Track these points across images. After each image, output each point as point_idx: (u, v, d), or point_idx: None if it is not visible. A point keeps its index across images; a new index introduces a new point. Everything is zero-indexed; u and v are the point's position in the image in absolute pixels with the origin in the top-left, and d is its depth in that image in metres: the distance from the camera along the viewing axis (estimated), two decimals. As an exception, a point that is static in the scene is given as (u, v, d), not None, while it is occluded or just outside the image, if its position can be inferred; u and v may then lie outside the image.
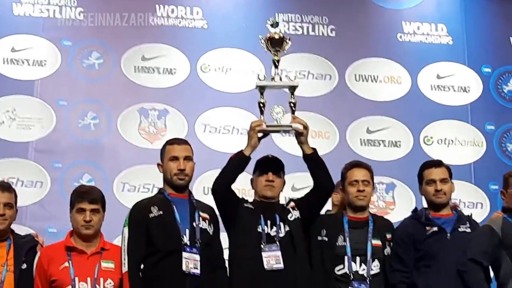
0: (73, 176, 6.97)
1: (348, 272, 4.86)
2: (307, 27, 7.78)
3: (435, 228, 5.01)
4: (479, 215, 6.57)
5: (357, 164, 5.15)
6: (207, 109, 7.40)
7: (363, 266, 4.90)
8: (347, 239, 4.91)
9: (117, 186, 6.99)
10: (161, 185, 4.95)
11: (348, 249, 4.89)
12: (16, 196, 4.73)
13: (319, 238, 4.94)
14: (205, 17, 7.66)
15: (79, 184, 6.70)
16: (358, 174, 5.04)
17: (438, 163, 5.32)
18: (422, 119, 7.72)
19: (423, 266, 4.98)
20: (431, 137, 7.66)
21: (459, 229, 5.05)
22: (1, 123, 7.06)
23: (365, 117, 7.64)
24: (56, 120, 7.11)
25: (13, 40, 7.28)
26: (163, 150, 4.97)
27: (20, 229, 4.99)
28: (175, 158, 4.84)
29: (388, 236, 5.01)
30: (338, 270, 4.88)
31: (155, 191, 5.44)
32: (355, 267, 4.90)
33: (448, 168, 5.29)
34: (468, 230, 5.06)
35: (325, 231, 4.95)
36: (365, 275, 4.89)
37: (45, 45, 7.32)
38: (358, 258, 4.89)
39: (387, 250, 4.97)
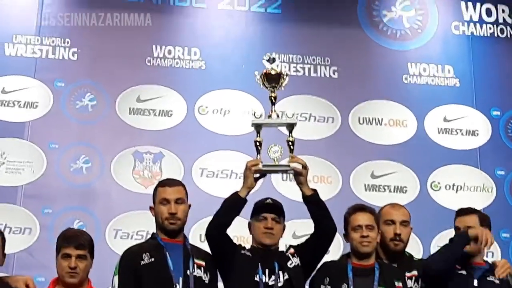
0: (64, 222, 6.79)
1: None
2: (309, 68, 7.79)
3: (464, 271, 5.03)
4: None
5: (361, 208, 5.10)
6: (204, 153, 7.36)
7: None
8: (351, 287, 4.82)
9: (110, 233, 6.92)
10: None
11: None
12: (4, 242, 4.67)
13: (322, 287, 4.87)
14: (203, 58, 7.67)
15: None
16: (362, 218, 4.97)
17: (471, 211, 5.44)
18: (429, 164, 7.69)
19: None
20: (439, 183, 7.62)
21: (487, 278, 5.04)
22: None
23: (369, 161, 7.61)
24: (46, 164, 7.07)
25: (4, 81, 7.29)
26: (154, 192, 4.92)
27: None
28: (166, 201, 4.79)
29: (398, 284, 4.91)
30: None
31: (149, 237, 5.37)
32: None
33: (481, 216, 5.42)
34: (497, 281, 5.02)
35: (328, 279, 4.87)
36: None
37: (37, 86, 7.32)
38: None
39: None
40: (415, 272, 5.09)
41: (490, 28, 8.26)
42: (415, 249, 6.65)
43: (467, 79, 8.00)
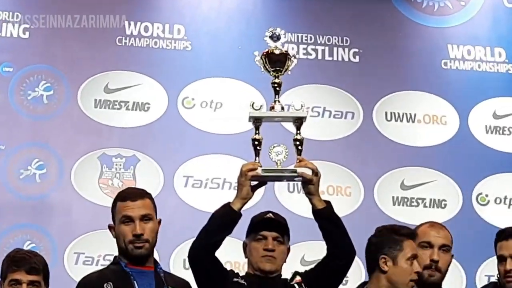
0: (12, 243, 6.84)
1: None
2: (323, 50, 7.79)
3: None
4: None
5: (411, 232, 5.06)
6: (190, 157, 7.38)
7: None
8: None
9: (69, 257, 6.95)
10: None
11: None
12: None
13: None
14: (188, 37, 7.69)
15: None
16: (414, 248, 4.95)
17: None
18: (475, 172, 7.70)
19: None
20: (487, 195, 7.64)
21: None
22: None
23: (399, 168, 7.63)
24: None
25: None
26: (113, 208, 4.91)
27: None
28: (129, 219, 4.77)
29: None
30: None
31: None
32: None
33: None
34: None
35: None
36: None
37: None
38: None
39: None
40: None
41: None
42: (457, 279, 6.82)
43: None
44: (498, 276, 5.32)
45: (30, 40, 7.45)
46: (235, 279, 4.81)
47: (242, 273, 4.92)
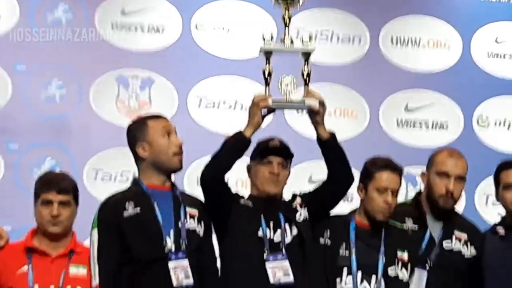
0: (33, 160, 7.03)
1: None
2: None
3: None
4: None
5: (391, 166, 5.15)
6: (203, 78, 7.41)
7: (365, 284, 5.00)
8: (353, 249, 5.03)
9: (88, 174, 7.06)
10: None
11: (354, 262, 5.00)
12: None
13: (321, 239, 5.05)
14: None
15: (40, 170, 6.87)
16: (391, 181, 5.08)
17: None
18: (476, 95, 7.74)
19: None
20: (487, 117, 7.69)
21: None
22: None
23: (403, 91, 7.66)
24: (12, 90, 7.15)
25: None
26: (142, 127, 4.96)
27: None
28: (169, 133, 4.88)
29: (400, 254, 5.11)
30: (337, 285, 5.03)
31: None
32: (358, 284, 4.99)
33: None
34: None
35: (328, 233, 5.06)
36: None
37: None
38: (360, 274, 4.98)
39: (394, 270, 5.07)
40: (465, 235, 5.25)
41: None
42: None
43: None
44: (502, 203, 5.35)
45: None
46: (241, 201, 4.95)
47: (246, 195, 5.04)
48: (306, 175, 6.45)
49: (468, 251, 5.23)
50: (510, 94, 7.78)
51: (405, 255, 5.11)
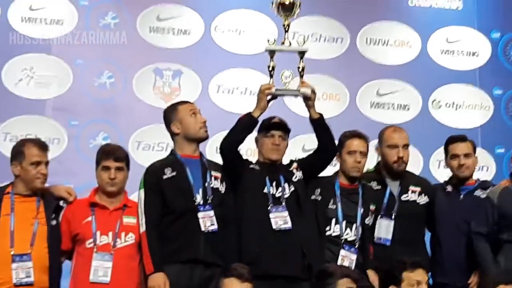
0: (89, 134, 7.05)
1: (335, 234, 5.04)
2: None
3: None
4: (486, 178, 6.57)
5: (358, 134, 5.24)
6: (220, 70, 7.42)
7: (348, 231, 5.05)
8: (338, 203, 5.08)
9: (132, 145, 7.02)
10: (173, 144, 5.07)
11: (340, 214, 5.07)
12: None
13: (313, 196, 5.10)
14: None
15: (95, 142, 6.97)
16: (358, 145, 5.17)
17: (463, 138, 5.49)
18: (431, 83, 7.75)
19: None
20: (440, 101, 7.69)
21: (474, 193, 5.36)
22: (19, 81, 7.08)
23: (375, 80, 7.66)
24: (73, 79, 7.12)
25: None
26: (174, 110, 5.07)
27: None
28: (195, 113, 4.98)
29: (372, 207, 5.19)
30: (326, 232, 5.05)
31: (168, 149, 5.55)
32: (343, 231, 5.04)
33: (472, 142, 5.50)
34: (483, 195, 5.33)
35: (319, 191, 5.11)
36: (351, 239, 5.05)
37: (62, 4, 7.28)
38: (344, 223, 5.03)
39: (369, 220, 5.16)
40: (419, 188, 5.35)
41: (493, -48, 8.16)
42: (416, 163, 6.83)
43: (469, 2, 7.94)
44: (449, 168, 5.50)
45: None
46: (251, 166, 5.04)
47: (254, 161, 5.12)
48: (300, 145, 6.44)
49: (422, 200, 5.33)
50: (458, 82, 7.78)
51: (373, 207, 5.19)
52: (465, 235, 5.26)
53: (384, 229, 5.25)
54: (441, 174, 6.18)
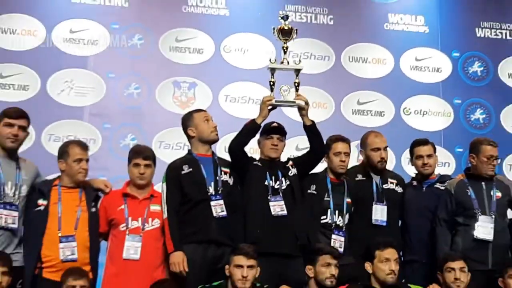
0: (120, 135, 7.05)
1: (330, 221, 5.06)
2: (310, 16, 7.73)
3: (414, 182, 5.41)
4: (447, 172, 6.66)
5: (342, 138, 5.25)
6: (228, 83, 7.40)
7: (340, 218, 5.09)
8: (331, 195, 5.11)
9: (155, 144, 6.97)
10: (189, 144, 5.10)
11: (331, 204, 5.09)
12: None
13: (309, 191, 5.12)
14: (227, 6, 7.62)
15: (124, 142, 7.00)
16: (342, 147, 5.17)
17: (425, 142, 5.49)
18: (403, 94, 7.74)
19: None
20: (410, 108, 7.68)
21: (434, 186, 5.36)
22: (62, 91, 7.08)
23: (356, 91, 7.65)
24: (106, 90, 7.13)
25: (71, 23, 7.26)
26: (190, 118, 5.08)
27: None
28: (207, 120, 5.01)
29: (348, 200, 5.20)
30: (321, 220, 5.07)
31: (185, 148, 5.57)
32: (335, 218, 5.08)
33: (433, 144, 5.49)
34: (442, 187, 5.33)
35: (314, 186, 5.13)
36: (341, 225, 5.09)
37: (97, 27, 7.30)
38: (336, 212, 5.09)
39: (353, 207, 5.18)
40: (395, 181, 5.38)
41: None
42: (390, 161, 6.71)
43: (434, 27, 7.92)
44: (414, 166, 5.52)
45: (130, 8, 7.38)
46: (254, 162, 5.07)
47: (257, 158, 5.14)
48: (294, 145, 6.41)
49: (399, 189, 5.34)
50: (425, 94, 7.77)
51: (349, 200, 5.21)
52: (428, 220, 5.27)
53: (379, 212, 5.22)
54: (410, 169, 6.14)
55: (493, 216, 5.10)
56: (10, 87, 6.99)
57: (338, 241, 5.02)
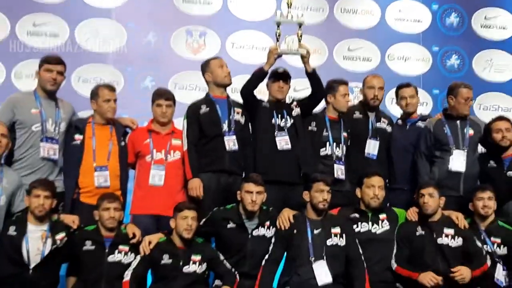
0: (140, 78, 7.02)
1: (329, 153, 5.10)
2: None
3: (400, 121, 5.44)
4: (425, 111, 6.83)
5: (344, 82, 5.26)
6: (234, 31, 7.33)
7: (338, 149, 5.11)
8: (329, 130, 5.13)
9: (171, 86, 6.91)
10: (200, 85, 5.44)
11: (331, 138, 5.13)
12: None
13: (310, 127, 5.14)
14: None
15: (144, 84, 7.00)
16: (345, 89, 5.21)
17: (408, 84, 5.52)
18: (387, 42, 7.67)
19: None
20: (393, 55, 7.65)
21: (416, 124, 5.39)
22: (88, 39, 6.99)
23: (347, 39, 7.60)
24: (127, 38, 7.05)
25: None
26: (207, 66, 5.07)
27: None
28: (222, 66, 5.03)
29: (345, 134, 5.21)
30: (321, 152, 5.10)
31: (197, 89, 5.60)
32: (334, 150, 5.10)
33: (415, 87, 5.52)
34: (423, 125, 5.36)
35: (314, 123, 5.14)
36: (340, 155, 5.12)
37: None
38: (334, 144, 5.12)
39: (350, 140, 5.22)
40: (387, 120, 5.39)
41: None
42: None
43: None
44: (399, 106, 5.51)
45: None
46: (263, 104, 5.09)
47: (265, 100, 5.14)
48: (292, 86, 6.10)
49: (389, 128, 5.35)
50: (406, 42, 7.68)
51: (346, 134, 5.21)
52: (410, 154, 5.33)
53: (372, 147, 5.25)
54: (394, 109, 6.21)
55: (466, 151, 5.15)
56: (42, 34, 6.86)
57: (339, 170, 5.07)
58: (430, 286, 4.43)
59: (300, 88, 6.12)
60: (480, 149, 5.33)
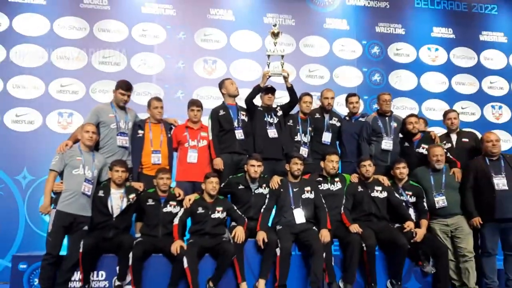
0: (173, 91, 6.68)
1: (300, 140, 5.03)
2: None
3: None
4: (365, 111, 6.57)
5: (307, 94, 5.17)
6: (235, 59, 6.95)
7: (305, 138, 5.02)
8: (300, 126, 5.05)
9: (194, 96, 6.65)
10: (213, 95, 5.44)
11: (301, 130, 5.04)
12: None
13: (288, 124, 5.08)
14: (234, 14, 7.09)
15: (176, 95, 6.74)
16: (307, 98, 5.15)
17: (354, 94, 5.41)
18: (334, 65, 7.28)
19: None
20: (338, 74, 7.25)
21: (358, 119, 5.26)
22: (139, 66, 6.73)
23: (308, 64, 7.21)
24: (165, 65, 6.77)
25: (142, 25, 6.84)
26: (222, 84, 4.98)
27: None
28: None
29: (310, 128, 5.09)
30: (295, 139, 5.04)
31: (211, 98, 5.62)
32: (303, 138, 5.01)
33: (358, 96, 5.44)
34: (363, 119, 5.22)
35: (291, 121, 5.08)
36: (306, 141, 5.07)
37: (158, 28, 6.85)
38: (303, 134, 5.01)
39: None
40: (337, 118, 5.26)
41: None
42: None
43: (352, 25, 7.43)
44: (349, 109, 5.35)
45: (177, 15, 6.88)
46: (258, 108, 5.03)
47: (259, 105, 5.07)
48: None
49: (338, 124, 5.23)
50: (347, 65, 7.31)
51: (311, 128, 5.06)
52: (355, 139, 5.27)
53: (327, 136, 5.18)
54: (340, 108, 6.12)
55: (392, 137, 5.15)
56: (108, 64, 6.74)
57: (304, 151, 5.06)
58: (353, 232, 4.37)
59: (279, 96, 6.05)
60: (400, 135, 5.28)
